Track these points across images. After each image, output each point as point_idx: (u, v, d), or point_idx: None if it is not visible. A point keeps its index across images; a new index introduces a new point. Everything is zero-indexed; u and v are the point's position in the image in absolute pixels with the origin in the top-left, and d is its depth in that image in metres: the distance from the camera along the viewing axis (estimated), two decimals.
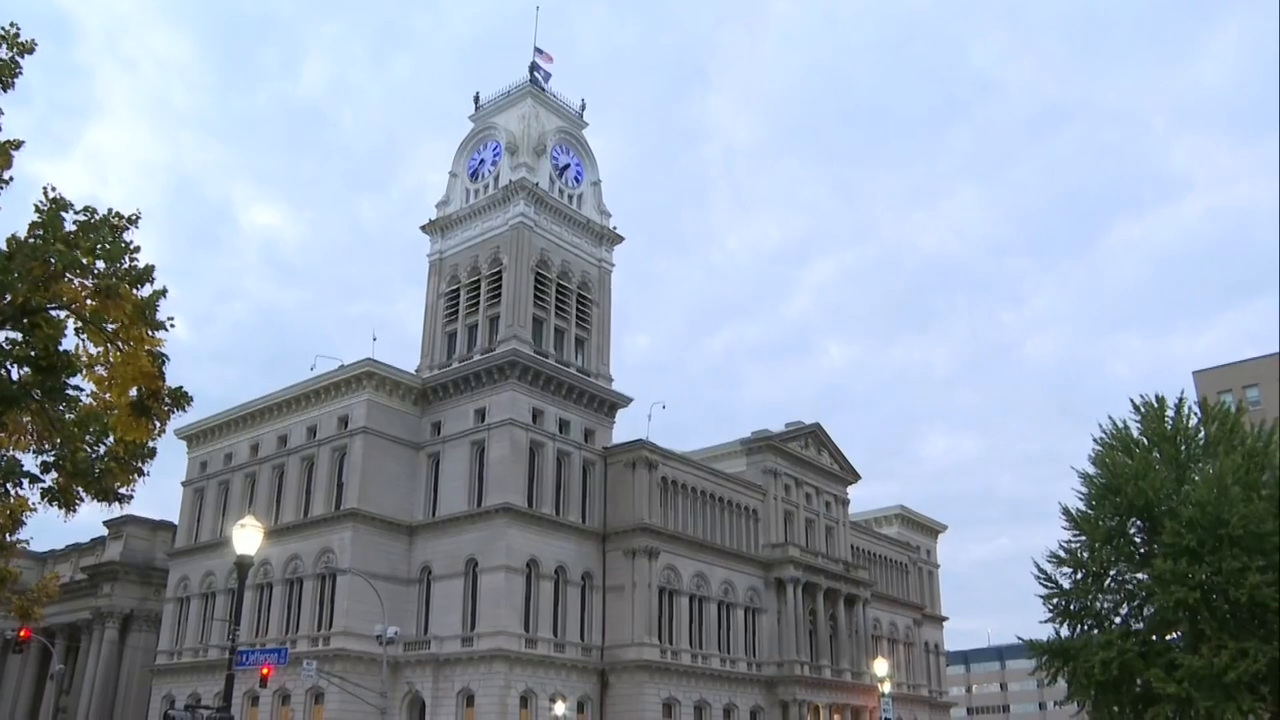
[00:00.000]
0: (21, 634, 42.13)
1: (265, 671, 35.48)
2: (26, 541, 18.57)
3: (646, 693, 65.46)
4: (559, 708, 60.60)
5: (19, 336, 13.38)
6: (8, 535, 16.88)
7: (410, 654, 64.15)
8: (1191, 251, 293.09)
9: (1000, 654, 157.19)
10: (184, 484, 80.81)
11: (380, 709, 48.77)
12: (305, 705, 63.78)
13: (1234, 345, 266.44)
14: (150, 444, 15.38)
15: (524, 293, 70.80)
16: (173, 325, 14.59)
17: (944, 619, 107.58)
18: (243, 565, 20.00)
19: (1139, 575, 49.46)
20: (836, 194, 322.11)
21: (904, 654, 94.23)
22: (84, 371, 13.92)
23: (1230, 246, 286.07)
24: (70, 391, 14.72)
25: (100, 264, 13.45)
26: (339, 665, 59.42)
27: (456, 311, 74.68)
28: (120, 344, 13.69)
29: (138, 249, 14.24)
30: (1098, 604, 50.50)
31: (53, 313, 13.29)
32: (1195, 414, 52.21)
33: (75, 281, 13.18)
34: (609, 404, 73.69)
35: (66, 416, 15.00)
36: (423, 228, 78.90)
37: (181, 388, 14.89)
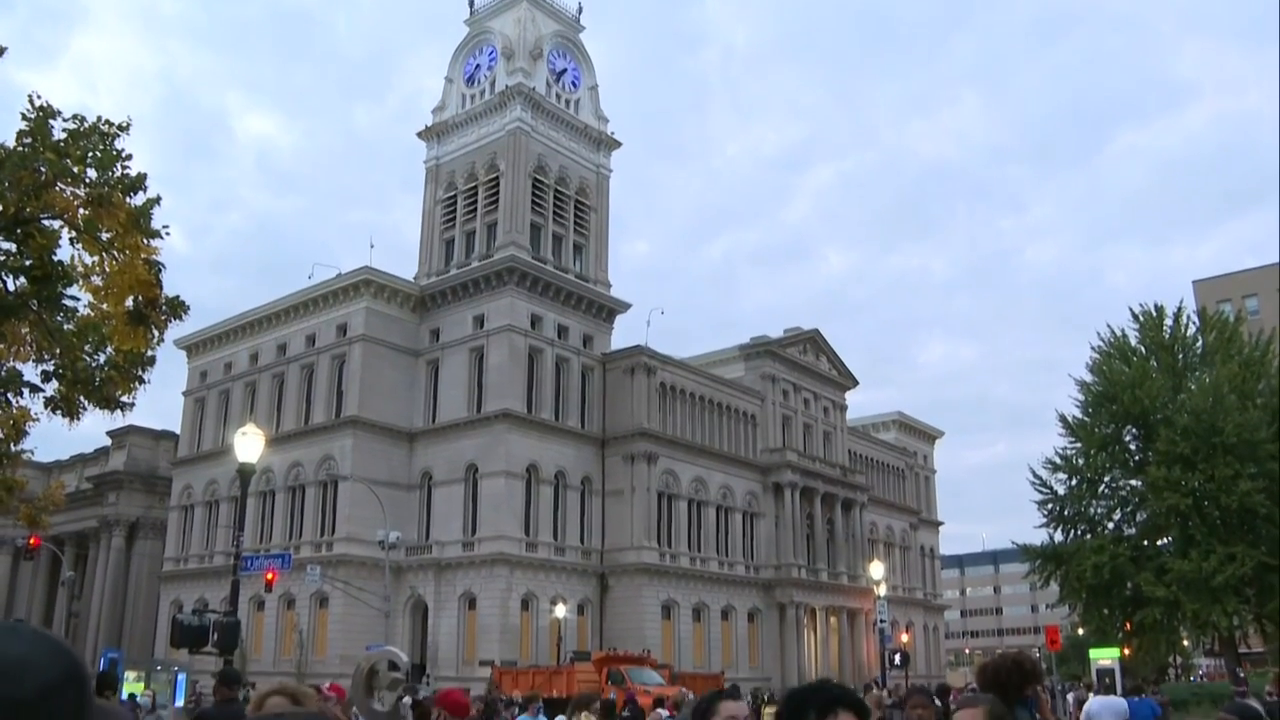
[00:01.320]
0: (31, 542, 42.69)
1: (270, 577, 35.90)
2: (31, 452, 18.70)
3: (645, 595, 66.49)
4: (559, 610, 61.60)
5: (12, 247, 13.34)
6: (12, 445, 17.00)
7: (412, 558, 65.05)
8: (1195, 160, 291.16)
9: (994, 558, 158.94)
10: (185, 394, 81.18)
11: (384, 612, 49.49)
12: (310, 609, 64.80)
13: (1235, 255, 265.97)
14: (149, 353, 15.41)
15: (521, 199, 70.37)
16: (168, 234, 14.53)
17: (940, 524, 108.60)
18: (245, 473, 20.13)
19: (1133, 482, 49.94)
20: (837, 100, 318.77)
21: (900, 558, 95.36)
22: (80, 281, 13.89)
23: (1235, 155, 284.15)
24: (67, 302, 14.70)
25: (92, 172, 13.35)
26: (342, 570, 60.25)
27: (454, 218, 74.29)
28: (115, 253, 13.65)
29: (129, 157, 14.13)
30: (1091, 510, 51.04)
31: (46, 223, 13.23)
32: (1194, 323, 52.25)
33: (67, 191, 13.09)
34: (607, 310, 73.70)
35: (65, 327, 15.00)
36: (419, 134, 78.11)
37: (178, 297, 14.88)
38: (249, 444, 19.74)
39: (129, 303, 13.07)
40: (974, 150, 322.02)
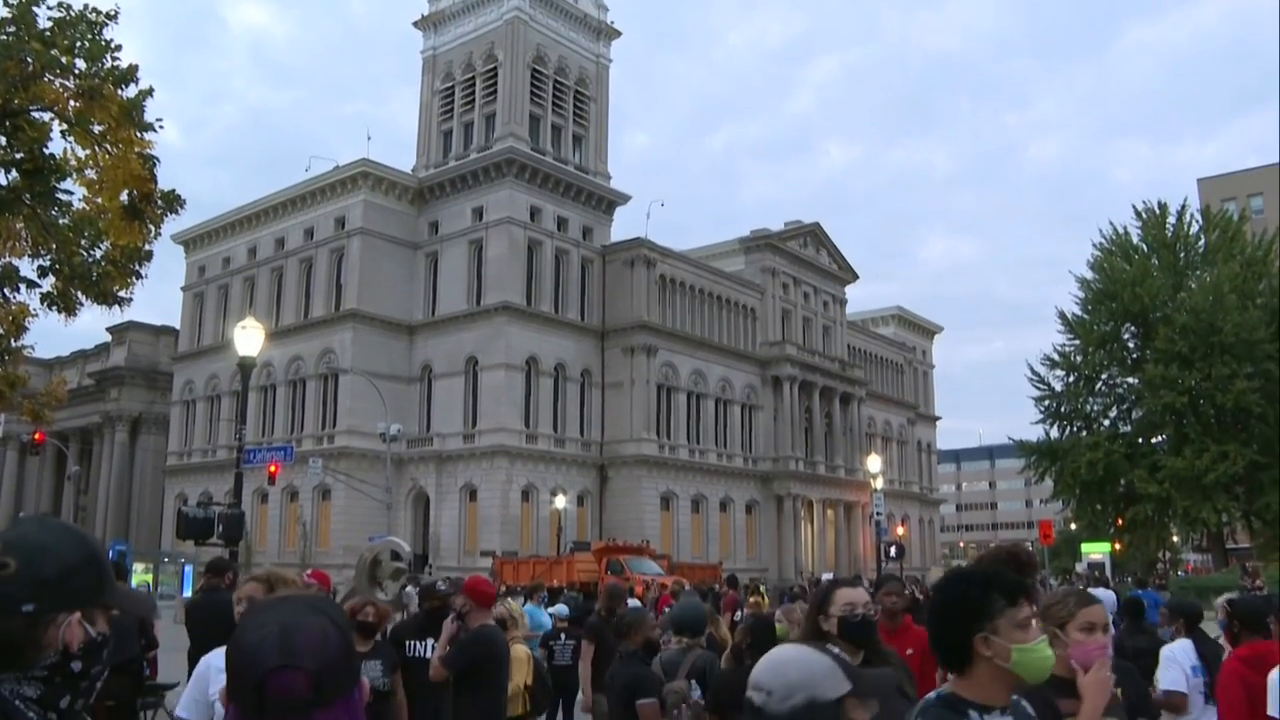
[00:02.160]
0: (36, 437, 42.92)
1: (273, 469, 36.14)
2: (31, 348, 18.70)
3: (644, 486, 67.22)
4: (559, 501, 62.31)
5: (3, 140, 13.15)
6: (12, 341, 16.98)
7: (413, 450, 65.63)
8: (1205, 56, 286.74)
9: (990, 453, 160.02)
10: (184, 289, 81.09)
11: (385, 504, 50.07)
12: (313, 502, 65.59)
13: (1241, 153, 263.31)
14: (146, 247, 15.31)
15: (520, 89, 69.40)
16: (161, 127, 14.34)
17: (937, 419, 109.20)
18: (245, 366, 20.12)
19: (1130, 380, 50.24)
20: None
21: (897, 452, 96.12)
22: (74, 175, 13.74)
23: (1245, 51, 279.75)
24: (61, 196, 14.56)
25: (81, 64, 13.10)
26: (344, 463, 60.82)
27: (452, 110, 73.33)
28: (108, 146, 13.48)
29: (119, 48, 13.85)
30: (1088, 407, 51.41)
31: (35, 115, 13.02)
32: (1197, 221, 52.02)
33: (56, 82, 12.86)
34: (607, 201, 73.21)
35: (60, 221, 14.88)
36: (415, 24, 76.69)
37: (174, 190, 14.74)
38: (249, 338, 19.72)
39: (123, 197, 12.94)
40: (980, 43, 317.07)
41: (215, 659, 4.65)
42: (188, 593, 37.01)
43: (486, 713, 7.56)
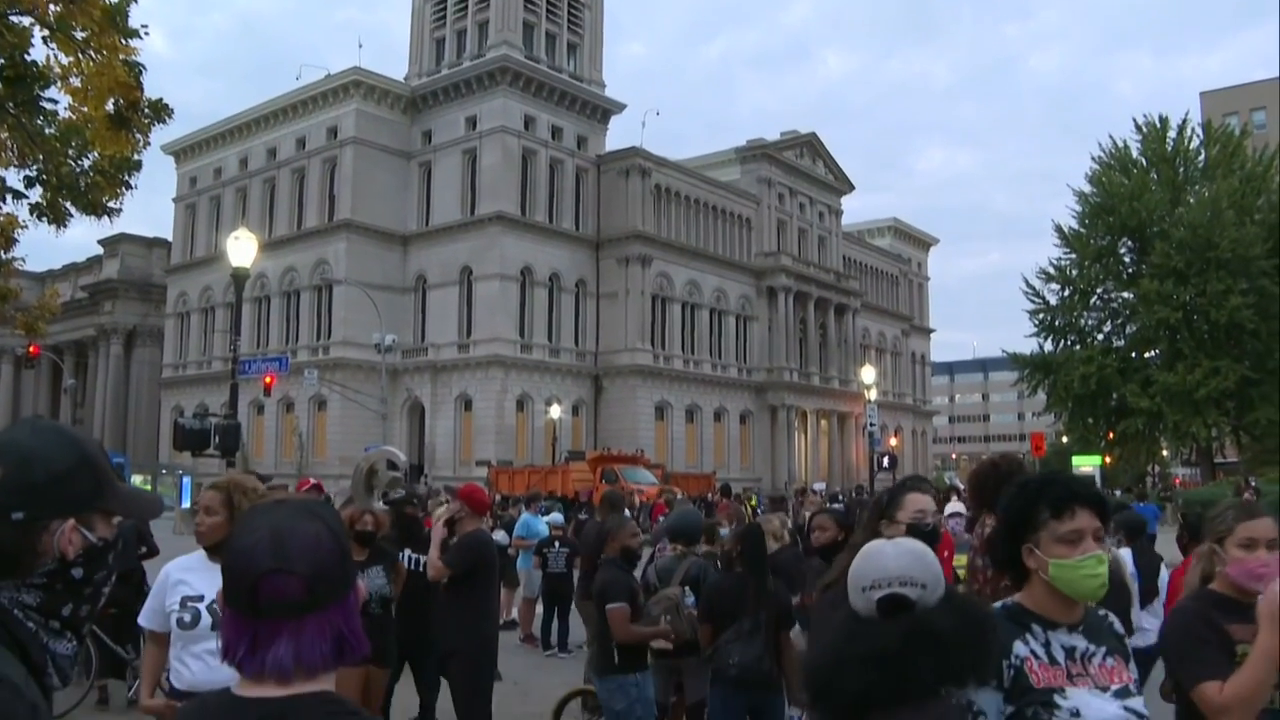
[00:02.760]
0: (31, 350, 42.84)
1: (268, 381, 36.20)
2: (22, 260, 18.57)
3: (639, 396, 67.51)
4: (554, 411, 62.57)
5: None
6: (2, 253, 16.88)
7: (408, 361, 65.77)
8: None
9: (984, 366, 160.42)
10: (175, 200, 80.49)
11: (381, 414, 50.22)
12: (308, 413, 65.85)
13: (1246, 66, 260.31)
14: (134, 157, 15.12)
15: None
16: (147, 33, 14.05)
17: (931, 331, 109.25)
18: (238, 277, 20.05)
19: (1125, 294, 50.29)
20: None
21: (891, 363, 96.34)
22: (58, 83, 13.51)
23: None
24: (46, 105, 14.34)
25: None
26: (339, 374, 60.94)
27: (445, 17, 72.07)
28: (92, 53, 13.23)
29: None
30: (1082, 321, 51.53)
31: (15, 19, 12.77)
32: (1198, 135, 51.59)
33: None
34: (602, 110, 72.39)
35: (46, 130, 14.66)
36: None
37: (161, 99, 14.50)
38: (241, 248, 19.62)
39: (109, 105, 12.71)
40: None
41: (173, 569, 4.65)
42: (186, 504, 37.30)
43: (483, 614, 7.66)
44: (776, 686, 6.58)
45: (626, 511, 14.00)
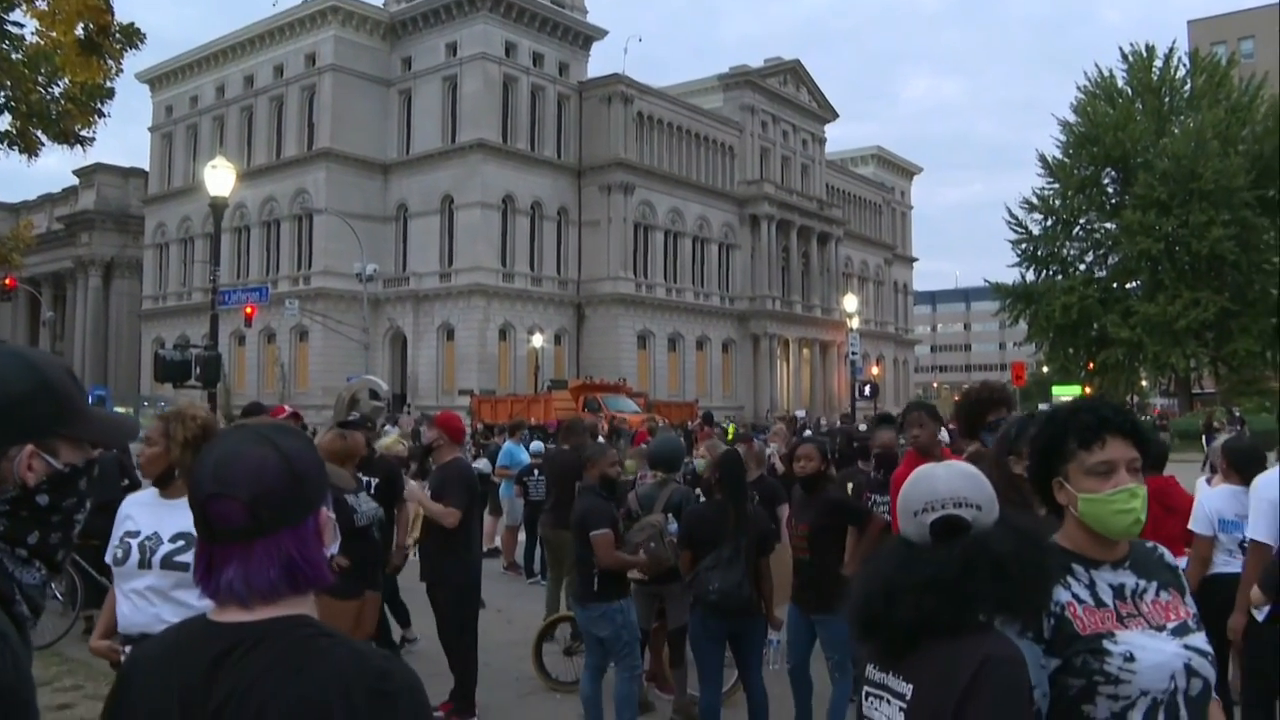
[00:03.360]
0: (7, 283, 42.35)
1: (249, 311, 35.99)
2: None
3: (621, 325, 67.50)
4: (536, 340, 62.50)
5: None
6: None
7: (390, 290, 65.51)
8: None
9: (966, 296, 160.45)
10: (151, 129, 79.43)
11: (363, 344, 50.09)
12: (290, 343, 65.65)
13: None
14: (107, 84, 14.92)
15: None
16: None
17: (914, 260, 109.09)
18: (217, 207, 19.90)
19: (1107, 225, 50.32)
20: None
21: (873, 292, 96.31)
22: (23, 5, 13.26)
23: None
24: (12, 29, 14.08)
25: None
26: (321, 304, 60.68)
27: None
28: None
29: None
30: (1064, 251, 51.57)
31: None
32: (1184, 65, 51.25)
33: None
34: (584, 37, 71.47)
35: (13, 56, 14.43)
36: None
37: (133, 24, 14.26)
38: (219, 177, 19.46)
39: (79, 30, 12.49)
40: None
41: (128, 503, 4.48)
42: None
43: (465, 543, 7.68)
44: (756, 611, 6.67)
45: (602, 439, 14.03)
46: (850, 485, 7.61)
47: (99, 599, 10.48)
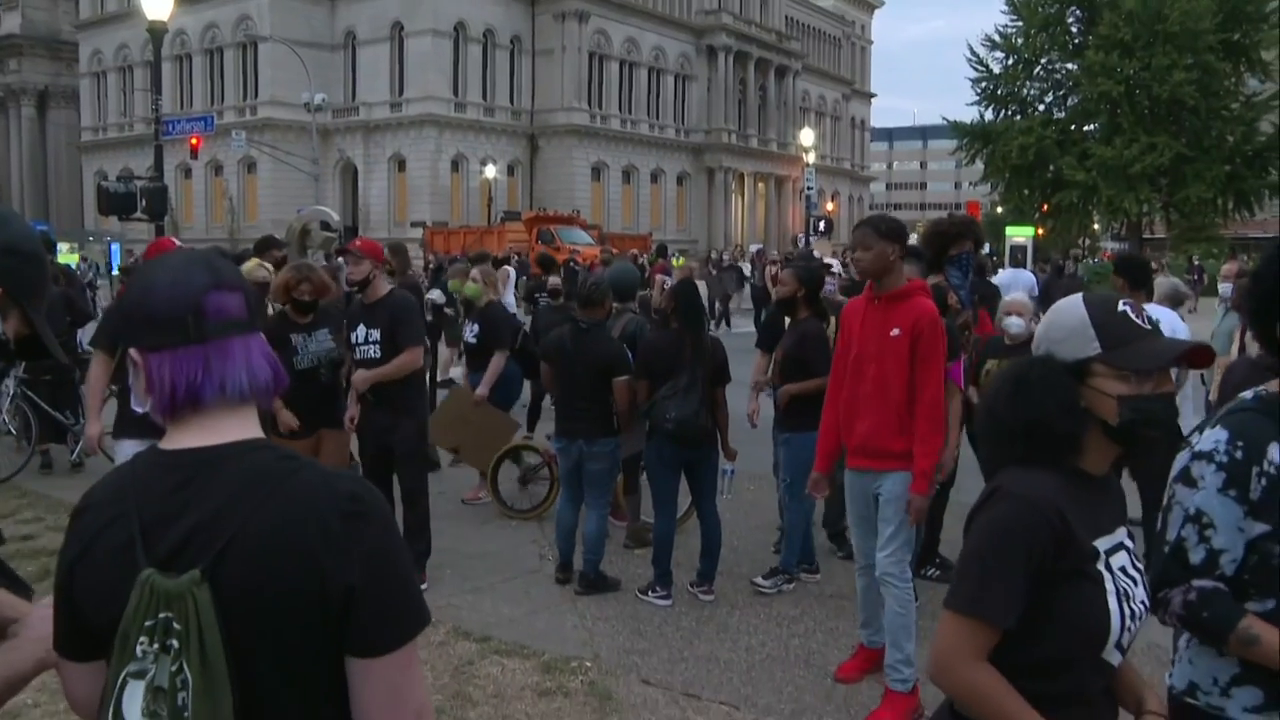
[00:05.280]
0: None
1: (194, 142, 35.00)
2: None
3: (575, 156, 66.70)
4: (489, 171, 61.60)
5: None
6: None
7: (339, 121, 64.06)
8: None
9: (923, 134, 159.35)
10: None
11: (313, 176, 49.17)
12: (238, 175, 64.46)
13: None
14: None
15: None
16: None
17: (873, 95, 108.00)
18: (155, 32, 19.07)
19: (1069, 65, 49.72)
20: None
21: (830, 127, 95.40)
22: None
23: None
24: None
25: None
26: (268, 134, 59.34)
27: None
28: None
29: None
30: (1024, 91, 51.05)
31: None
32: None
33: None
34: None
35: None
36: None
37: None
38: (157, 1, 18.64)
39: None
40: None
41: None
42: (115, 270, 36.69)
43: (418, 379, 7.49)
44: (711, 440, 6.76)
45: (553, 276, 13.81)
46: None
47: (55, 434, 10.63)
